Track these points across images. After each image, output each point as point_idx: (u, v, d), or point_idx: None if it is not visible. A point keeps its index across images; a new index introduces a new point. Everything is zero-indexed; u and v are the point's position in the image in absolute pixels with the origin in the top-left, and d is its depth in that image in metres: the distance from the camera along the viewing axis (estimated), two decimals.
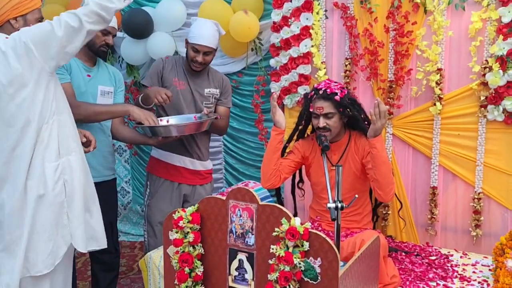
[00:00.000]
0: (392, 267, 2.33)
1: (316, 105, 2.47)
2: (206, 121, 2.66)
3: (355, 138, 2.54)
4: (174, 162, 2.84)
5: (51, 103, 1.91)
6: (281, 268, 1.60)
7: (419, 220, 2.98)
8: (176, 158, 2.84)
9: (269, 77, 3.29)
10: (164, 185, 2.85)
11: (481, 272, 2.46)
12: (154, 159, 2.91)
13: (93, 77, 2.68)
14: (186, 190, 2.88)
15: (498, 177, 2.74)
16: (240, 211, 1.75)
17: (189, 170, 2.87)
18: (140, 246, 4.12)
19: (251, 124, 3.57)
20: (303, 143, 2.68)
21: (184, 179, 2.87)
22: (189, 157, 2.86)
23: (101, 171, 2.76)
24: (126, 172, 4.18)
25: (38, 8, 2.05)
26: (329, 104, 2.44)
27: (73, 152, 2.00)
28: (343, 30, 3.02)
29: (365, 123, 2.51)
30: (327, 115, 2.44)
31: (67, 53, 1.91)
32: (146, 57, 3.67)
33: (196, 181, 2.90)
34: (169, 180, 2.85)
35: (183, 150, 2.85)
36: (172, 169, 2.84)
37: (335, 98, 2.42)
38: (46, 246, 1.91)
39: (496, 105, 2.65)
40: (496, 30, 2.62)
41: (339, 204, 1.95)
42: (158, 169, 2.86)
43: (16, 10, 1.96)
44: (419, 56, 2.82)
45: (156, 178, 2.86)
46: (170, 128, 2.59)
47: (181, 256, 1.80)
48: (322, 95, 2.46)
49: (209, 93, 2.88)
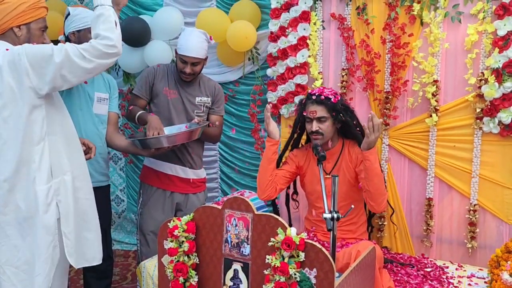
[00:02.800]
0: (388, 278, 2.32)
1: (309, 109, 2.51)
2: (196, 130, 2.64)
3: (348, 147, 2.56)
4: (165, 171, 2.82)
5: (41, 124, 1.87)
6: (276, 278, 1.59)
7: (415, 232, 2.97)
8: (167, 166, 2.82)
9: (266, 87, 3.30)
10: (156, 193, 2.83)
11: (476, 284, 2.45)
12: (146, 167, 2.90)
13: (89, 84, 2.68)
14: (179, 198, 2.87)
15: (493, 189, 2.74)
16: (235, 221, 1.74)
17: (181, 179, 2.86)
18: (134, 255, 4.08)
19: (247, 133, 3.57)
20: (297, 153, 2.69)
21: (176, 187, 2.85)
22: (181, 165, 2.84)
23: (95, 177, 2.75)
24: (121, 180, 4.16)
25: (43, 17, 2.03)
26: (322, 108, 2.47)
27: (68, 172, 1.98)
28: (340, 40, 3.03)
29: (357, 129, 2.55)
30: (320, 119, 2.48)
31: (68, 81, 1.88)
32: (143, 65, 3.67)
33: (188, 190, 2.89)
34: (161, 188, 2.83)
35: (175, 158, 2.83)
36: (164, 178, 2.83)
37: (328, 102, 2.46)
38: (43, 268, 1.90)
39: (492, 117, 2.66)
40: (492, 43, 2.64)
41: (335, 215, 1.94)
42: (150, 178, 2.85)
43: (20, 18, 1.94)
44: (416, 67, 2.83)
45: (148, 186, 2.85)
46: (161, 140, 2.56)
47: (176, 265, 1.79)
48: (316, 99, 2.50)
49: (200, 102, 2.87)
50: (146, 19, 3.57)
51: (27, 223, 1.88)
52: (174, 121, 2.80)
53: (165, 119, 2.78)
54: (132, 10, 3.77)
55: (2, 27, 1.93)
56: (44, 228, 1.88)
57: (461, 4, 2.72)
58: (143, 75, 2.84)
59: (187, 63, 2.71)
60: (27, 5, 1.95)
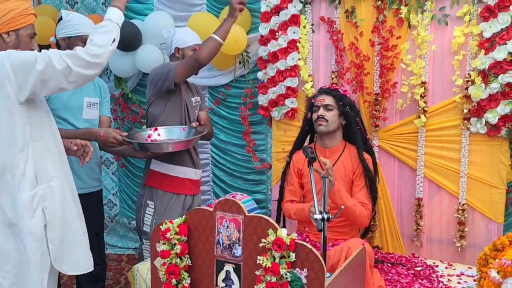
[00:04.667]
0: (379, 278, 2.35)
1: (318, 98, 2.66)
2: (195, 138, 2.62)
3: (350, 150, 2.62)
4: (180, 175, 2.76)
5: (23, 130, 1.86)
6: (267, 279, 1.61)
7: (405, 232, 3.01)
8: (182, 170, 2.76)
9: (257, 90, 3.32)
10: (172, 200, 2.74)
11: (465, 282, 2.49)
12: (156, 173, 2.76)
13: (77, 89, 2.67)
14: (189, 201, 2.82)
15: (481, 188, 2.79)
16: (227, 222, 1.76)
17: (192, 181, 2.82)
18: (127, 259, 4.09)
19: (238, 136, 3.59)
20: (296, 158, 2.73)
21: (188, 190, 2.80)
22: (193, 168, 2.81)
23: (88, 182, 2.76)
24: (113, 185, 4.16)
25: (32, 24, 2.03)
26: (331, 98, 2.63)
27: (54, 178, 1.97)
28: (329, 43, 3.07)
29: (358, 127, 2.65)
30: (327, 107, 2.60)
31: (50, 88, 1.86)
32: (134, 69, 3.68)
33: (195, 191, 2.86)
34: (176, 193, 2.75)
35: (189, 161, 2.78)
36: (178, 182, 2.76)
37: (337, 93, 2.62)
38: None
39: (479, 117, 2.71)
40: (478, 45, 2.69)
41: (325, 215, 1.98)
42: (163, 184, 2.74)
43: (8, 25, 1.94)
44: (404, 69, 2.87)
45: (164, 193, 2.73)
46: (162, 145, 2.54)
47: (168, 267, 1.80)
48: (325, 90, 2.68)
49: (196, 102, 2.88)
50: (137, 24, 3.59)
51: (13, 228, 1.88)
52: (183, 123, 2.75)
53: (177, 120, 2.74)
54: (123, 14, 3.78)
55: None
56: (30, 234, 1.88)
57: (447, 6, 2.77)
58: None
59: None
60: (16, 11, 1.95)
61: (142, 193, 2.82)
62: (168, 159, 2.72)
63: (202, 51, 2.54)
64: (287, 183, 2.76)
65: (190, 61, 2.58)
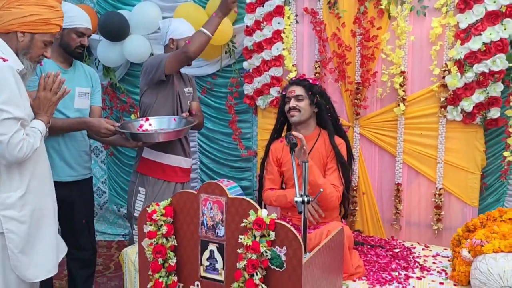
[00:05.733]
0: (357, 258, 2.46)
1: (289, 89, 2.72)
2: (186, 128, 2.69)
3: (324, 137, 2.70)
4: (172, 163, 2.83)
5: None
6: (248, 256, 1.70)
7: (385, 216, 3.13)
8: (173, 159, 2.84)
9: (243, 79, 3.41)
10: (163, 187, 2.82)
11: (440, 262, 2.61)
12: (148, 160, 2.83)
13: (69, 79, 2.71)
14: (179, 188, 2.88)
15: (457, 173, 2.91)
16: (211, 204, 1.85)
17: (183, 169, 2.90)
18: (117, 246, 4.17)
19: (225, 125, 3.68)
20: (274, 148, 2.81)
21: (178, 178, 2.88)
22: (184, 156, 2.89)
23: (79, 171, 2.81)
24: (102, 173, 4.23)
25: (51, 33, 2.07)
26: (300, 88, 2.69)
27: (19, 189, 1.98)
28: (312, 34, 3.15)
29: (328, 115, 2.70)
30: (297, 97, 2.67)
31: None
32: (122, 59, 3.74)
33: (186, 179, 2.94)
34: (167, 181, 2.83)
35: (180, 150, 2.86)
36: (170, 170, 2.83)
37: (306, 83, 2.67)
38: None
39: (455, 105, 2.82)
40: (454, 35, 2.79)
41: (305, 198, 2.08)
42: (155, 171, 2.82)
43: (26, 26, 1.98)
44: (384, 59, 2.97)
45: (155, 180, 2.81)
46: (154, 135, 2.61)
47: (155, 247, 1.89)
48: (295, 81, 2.76)
49: (188, 92, 2.95)
50: (125, 14, 3.64)
51: None
52: (175, 113, 2.81)
53: (169, 110, 2.80)
54: (110, 5, 3.84)
55: (7, 28, 1.97)
56: None
57: None
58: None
59: None
60: (39, 17, 2.00)
61: (133, 180, 2.89)
62: (160, 147, 2.79)
63: (191, 45, 2.59)
64: (266, 172, 2.83)
65: (179, 54, 2.64)
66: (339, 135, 2.73)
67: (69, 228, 2.86)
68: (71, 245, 2.83)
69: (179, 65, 2.68)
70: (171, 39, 2.84)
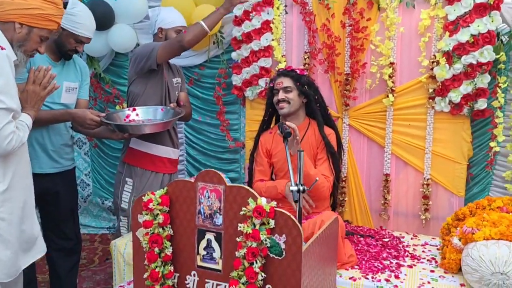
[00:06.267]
0: (350, 247, 2.48)
1: (276, 81, 2.69)
2: (174, 119, 2.66)
3: (314, 127, 2.69)
4: (160, 154, 2.80)
5: None
6: (248, 244, 1.69)
7: (373, 206, 3.15)
8: (162, 149, 2.80)
9: (231, 70, 3.38)
10: (151, 178, 2.79)
11: (429, 251, 2.65)
12: (136, 150, 2.79)
13: (58, 73, 2.61)
14: (167, 179, 2.86)
15: (445, 164, 2.95)
16: (208, 193, 1.83)
17: (171, 160, 2.87)
18: (101, 239, 4.11)
19: (212, 116, 3.64)
20: (263, 139, 2.79)
21: (166, 169, 2.85)
22: (172, 147, 2.86)
23: (61, 163, 2.75)
24: (86, 165, 4.15)
25: (49, 29, 2.03)
26: (288, 79, 2.66)
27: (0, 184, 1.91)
28: (302, 25, 3.15)
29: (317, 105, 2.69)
30: (286, 89, 2.65)
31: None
32: (107, 48, 3.67)
33: (173, 170, 2.92)
34: (155, 171, 2.80)
35: (169, 141, 2.83)
36: (158, 161, 2.80)
37: (294, 74, 2.65)
38: None
39: (443, 96, 2.85)
40: (443, 27, 2.82)
41: (301, 187, 2.08)
42: (143, 162, 2.78)
43: (25, 18, 1.94)
44: (373, 50, 2.99)
45: (143, 171, 2.78)
46: (141, 127, 2.57)
47: (151, 237, 1.86)
48: (282, 72, 2.72)
49: (177, 83, 2.91)
50: (110, 2, 3.55)
51: None
52: (163, 103, 2.77)
53: (157, 100, 2.76)
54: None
55: (6, 17, 1.92)
56: None
57: None
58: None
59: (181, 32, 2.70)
60: (41, 12, 1.96)
61: (120, 170, 2.85)
62: (148, 138, 2.74)
63: (187, 35, 2.57)
64: (256, 164, 2.81)
65: (173, 43, 2.61)
66: (329, 124, 2.73)
67: (54, 218, 2.80)
68: (55, 235, 2.81)
69: (172, 54, 2.65)
70: (160, 29, 2.80)
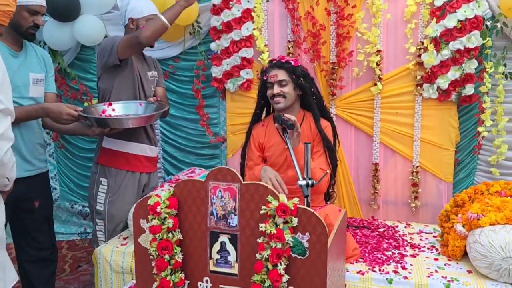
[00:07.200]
0: (352, 240, 2.41)
1: (270, 74, 2.50)
2: (158, 113, 2.51)
3: (309, 119, 2.58)
4: (135, 152, 2.64)
5: None
6: (272, 245, 1.58)
7: (362, 196, 3.12)
8: (137, 147, 2.64)
9: (210, 62, 3.23)
10: (126, 178, 2.63)
11: (426, 239, 2.64)
12: (109, 150, 2.63)
13: (21, 64, 2.41)
14: (145, 179, 2.72)
15: (433, 151, 2.95)
16: (221, 192, 1.70)
17: (148, 158, 2.71)
18: (68, 246, 3.86)
19: (190, 110, 3.48)
20: (256, 133, 2.64)
21: (144, 168, 2.70)
22: (149, 144, 2.70)
23: (35, 164, 2.56)
24: (51, 167, 3.87)
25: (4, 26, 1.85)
26: (283, 72, 2.48)
27: None
28: (284, 13, 3.04)
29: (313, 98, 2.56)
30: (281, 83, 2.47)
31: None
32: (72, 41, 3.42)
33: (151, 168, 2.76)
34: (130, 171, 2.64)
35: (145, 137, 2.67)
36: (133, 159, 2.64)
37: (288, 66, 2.47)
38: None
39: (431, 83, 2.84)
40: (429, 13, 2.80)
41: (309, 181, 1.99)
42: (116, 161, 2.62)
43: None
44: (359, 38, 2.93)
45: (117, 171, 2.62)
46: (123, 121, 2.40)
47: (160, 243, 1.71)
48: (276, 63, 2.51)
49: (152, 76, 2.75)
50: None
51: None
52: (138, 98, 2.62)
53: (130, 96, 2.60)
54: None
55: None
56: None
57: None
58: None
59: None
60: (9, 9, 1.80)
61: (94, 170, 2.70)
62: (121, 135, 2.58)
63: (145, 30, 2.42)
64: (247, 159, 2.67)
65: (131, 39, 2.45)
66: (324, 116, 2.63)
67: (28, 227, 2.60)
68: (29, 246, 2.63)
69: (132, 50, 2.49)
70: (130, 19, 2.61)
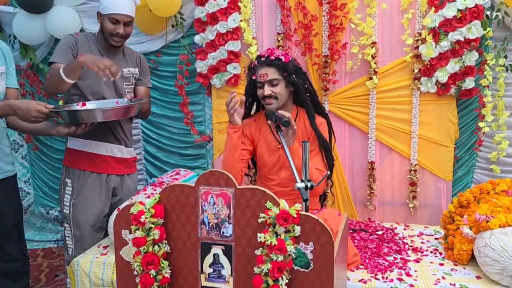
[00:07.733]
0: (352, 245, 2.25)
1: (259, 72, 2.27)
2: (134, 106, 2.32)
3: (303, 116, 2.40)
4: (100, 152, 2.47)
5: None
6: (273, 258, 1.40)
7: (357, 197, 2.96)
8: (102, 146, 2.48)
9: (194, 56, 3.03)
10: (90, 179, 2.47)
11: (428, 241, 2.49)
12: (72, 150, 2.49)
13: None
14: (115, 181, 2.54)
15: (431, 148, 2.81)
16: (213, 198, 1.51)
17: (117, 159, 2.53)
18: (44, 253, 3.62)
19: (173, 108, 3.27)
20: (247, 123, 2.44)
21: (112, 169, 2.52)
22: (117, 144, 2.52)
23: (1, 167, 2.38)
24: (24, 171, 3.62)
25: None
26: (274, 70, 2.25)
27: None
28: (273, 3, 2.87)
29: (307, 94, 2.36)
30: (271, 82, 2.25)
31: None
32: (45, 35, 3.18)
33: (123, 170, 2.58)
34: (95, 172, 2.47)
35: (110, 136, 2.50)
36: (98, 160, 2.48)
37: (279, 63, 2.24)
38: None
39: (429, 77, 2.70)
40: (427, 2, 2.65)
41: (308, 184, 1.82)
42: (80, 162, 2.47)
43: None
44: (353, 29, 2.77)
45: (80, 172, 2.47)
46: (95, 113, 2.21)
47: (145, 257, 1.51)
48: (265, 61, 2.27)
49: (129, 73, 2.56)
50: None
51: None
52: (104, 95, 2.45)
53: (94, 93, 2.43)
54: None
55: None
56: None
57: None
58: (63, 42, 2.40)
59: (119, 23, 2.35)
60: None
61: (62, 172, 2.57)
62: (86, 135, 2.39)
63: (46, 82, 2.40)
64: None
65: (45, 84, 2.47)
66: (319, 112, 2.45)
67: None
68: None
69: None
70: (98, 13, 2.42)
